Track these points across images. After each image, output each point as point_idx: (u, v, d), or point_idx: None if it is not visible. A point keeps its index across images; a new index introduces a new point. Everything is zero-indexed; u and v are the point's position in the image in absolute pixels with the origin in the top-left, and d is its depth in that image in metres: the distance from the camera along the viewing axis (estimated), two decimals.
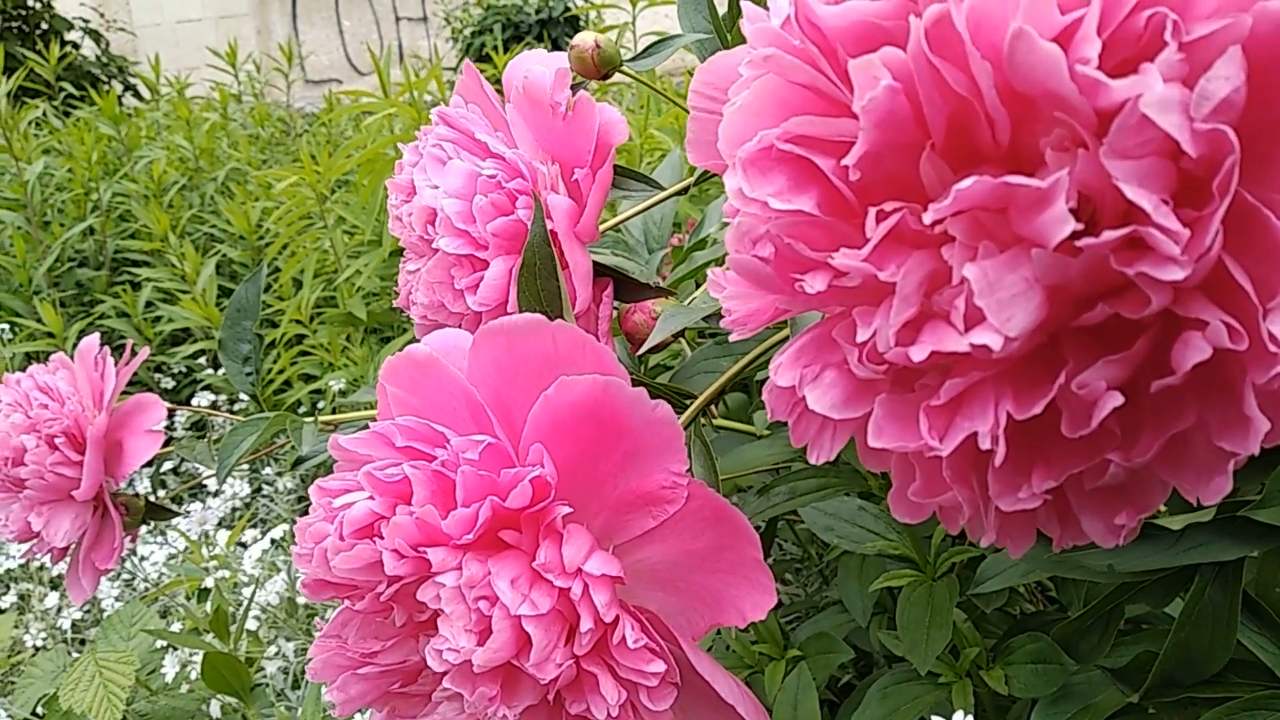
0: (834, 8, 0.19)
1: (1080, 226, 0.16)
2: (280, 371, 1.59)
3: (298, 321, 1.51)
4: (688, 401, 0.38)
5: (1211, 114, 0.15)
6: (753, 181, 0.20)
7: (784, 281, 0.21)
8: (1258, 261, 0.17)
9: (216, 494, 1.47)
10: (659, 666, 0.28)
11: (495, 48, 3.32)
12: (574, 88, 0.42)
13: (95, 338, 0.72)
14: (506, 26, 4.34)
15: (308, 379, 1.61)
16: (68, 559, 0.71)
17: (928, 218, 0.18)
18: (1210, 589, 0.47)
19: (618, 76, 0.47)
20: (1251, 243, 0.17)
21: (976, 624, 0.75)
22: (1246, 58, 0.16)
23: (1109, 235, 0.16)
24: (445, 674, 0.27)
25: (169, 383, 1.76)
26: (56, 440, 0.67)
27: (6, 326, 1.51)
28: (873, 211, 0.19)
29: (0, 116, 1.63)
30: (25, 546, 0.69)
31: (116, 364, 0.72)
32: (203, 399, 1.58)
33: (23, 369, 0.71)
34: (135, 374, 1.77)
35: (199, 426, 1.61)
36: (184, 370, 1.78)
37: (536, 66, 0.41)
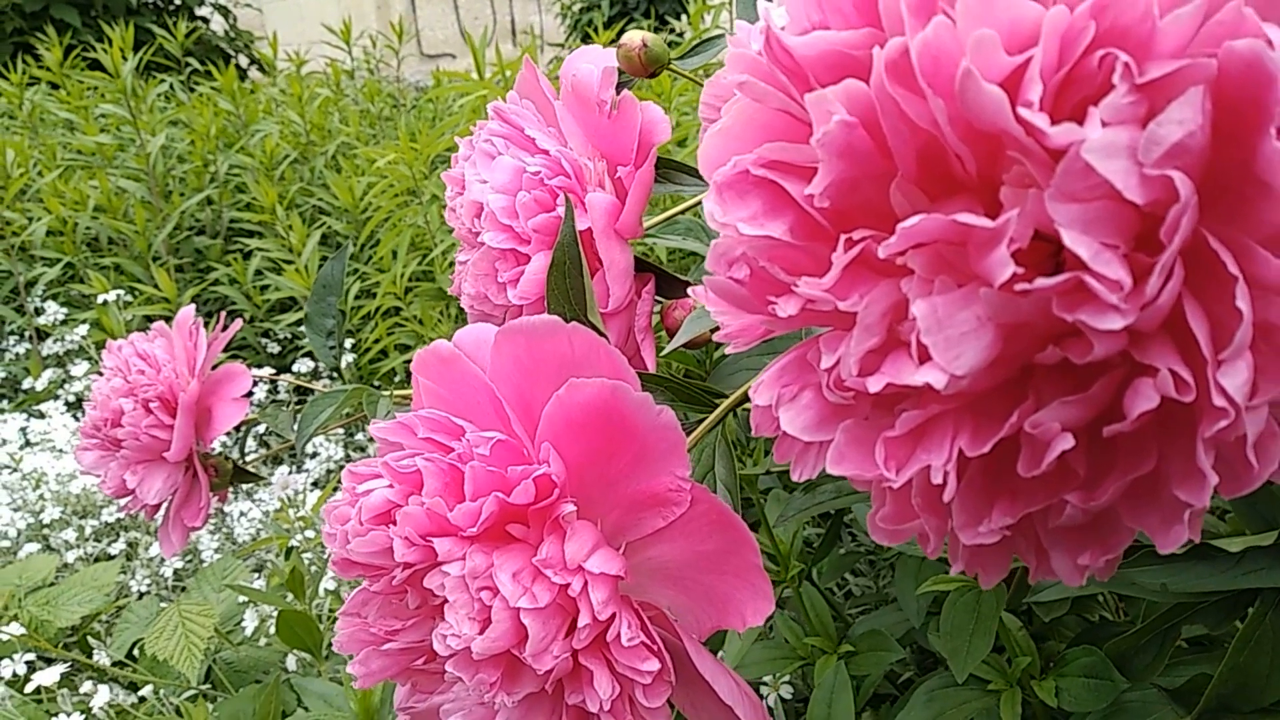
0: (803, 37, 0.19)
1: (1021, 270, 0.16)
2: (377, 341, 1.65)
3: (393, 294, 1.56)
4: (718, 401, 0.38)
5: (1163, 159, 0.15)
6: (726, 205, 0.20)
7: (760, 303, 0.21)
8: (1218, 307, 0.16)
9: (313, 456, 1.54)
10: (653, 665, 0.28)
11: (602, 24, 3.32)
12: (622, 85, 0.42)
13: (190, 309, 0.76)
14: (614, 3, 4.34)
15: (403, 349, 1.67)
16: (161, 515, 0.76)
17: (882, 252, 0.18)
18: (1271, 614, 0.45)
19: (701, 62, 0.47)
20: (1214, 287, 0.16)
21: (1051, 627, 0.74)
22: (1216, 96, 0.16)
23: (1043, 282, 0.15)
24: (449, 658, 0.29)
25: (274, 348, 1.85)
26: (151, 404, 0.71)
27: (123, 291, 1.60)
28: (843, 239, 0.19)
29: (125, 91, 1.73)
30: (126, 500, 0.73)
31: (214, 333, 0.76)
32: (304, 364, 1.65)
33: (141, 331, 0.76)
34: (244, 338, 1.85)
35: (300, 391, 1.69)
36: (289, 336, 1.86)
37: (584, 65, 0.41)
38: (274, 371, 1.61)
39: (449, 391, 0.34)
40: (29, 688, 0.70)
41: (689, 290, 0.23)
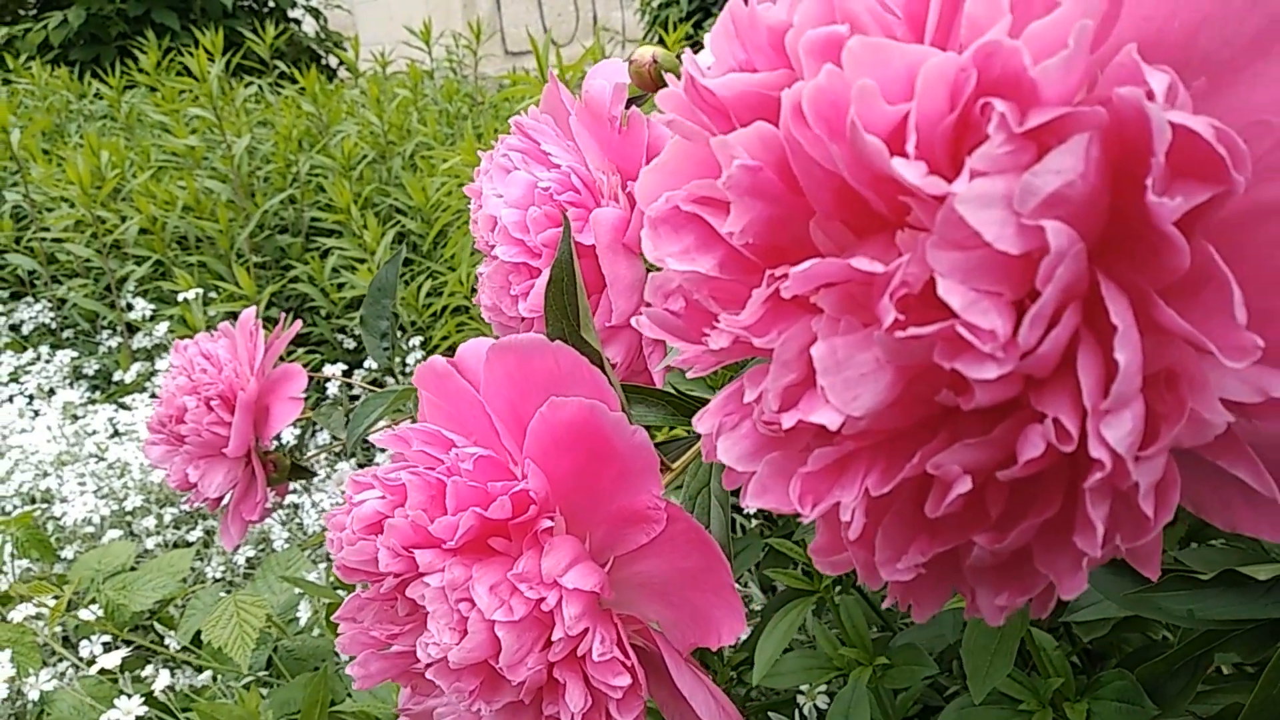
0: (721, 79, 0.19)
1: (901, 316, 0.16)
2: (445, 338, 1.69)
3: (460, 293, 1.60)
4: None
5: (1039, 209, 0.15)
6: (658, 240, 0.21)
7: (695, 335, 0.22)
8: (1109, 353, 0.16)
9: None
10: (624, 680, 0.29)
11: (678, 20, 3.32)
12: (635, 100, 0.43)
13: (252, 311, 0.79)
14: None
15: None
16: (222, 509, 0.79)
17: (785, 294, 0.18)
18: None
19: None
20: (1107, 333, 0.16)
21: (1114, 646, 0.72)
22: (1116, 143, 0.16)
23: (916, 330, 0.15)
24: (430, 666, 0.30)
25: (350, 343, 1.90)
26: (212, 402, 0.75)
27: (208, 288, 1.67)
28: (766, 275, 0.20)
29: (211, 95, 1.80)
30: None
31: (275, 333, 0.79)
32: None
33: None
34: (321, 335, 1.91)
35: (375, 383, 1.74)
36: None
37: (597, 81, 0.42)
38: (345, 368, 1.66)
39: (448, 405, 0.35)
40: (93, 669, 0.74)
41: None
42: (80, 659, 0.86)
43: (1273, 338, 0.17)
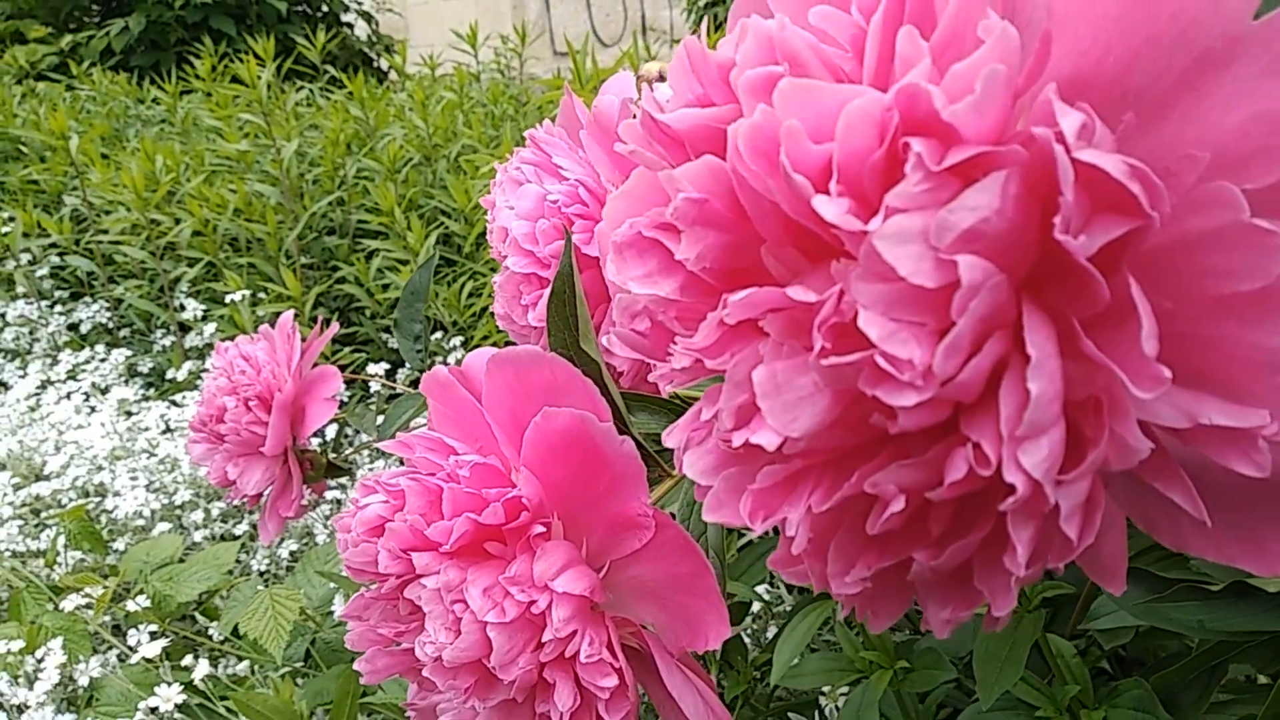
0: (673, 113, 0.20)
1: (827, 344, 0.17)
2: (485, 337, 1.72)
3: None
4: None
5: (955, 244, 0.16)
6: (621, 264, 0.22)
7: (661, 354, 0.23)
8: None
9: None
10: (612, 681, 0.30)
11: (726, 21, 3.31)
12: None
13: (289, 315, 0.82)
14: None
15: (511, 344, 1.73)
16: (260, 505, 0.82)
17: (728, 320, 0.19)
18: None
19: None
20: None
21: (1144, 651, 0.72)
22: (1036, 178, 0.16)
23: (835, 360, 0.16)
24: (427, 665, 0.31)
25: (394, 343, 1.94)
26: (250, 402, 0.77)
27: (256, 289, 1.72)
28: (723, 299, 0.20)
29: (261, 101, 1.85)
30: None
31: (311, 336, 0.81)
32: None
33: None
34: (367, 335, 1.94)
35: (416, 383, 1.77)
36: None
37: (606, 96, 0.43)
38: (389, 368, 1.70)
39: (452, 413, 0.36)
40: (135, 657, 0.77)
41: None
42: (129, 647, 0.90)
43: (1207, 364, 0.18)
